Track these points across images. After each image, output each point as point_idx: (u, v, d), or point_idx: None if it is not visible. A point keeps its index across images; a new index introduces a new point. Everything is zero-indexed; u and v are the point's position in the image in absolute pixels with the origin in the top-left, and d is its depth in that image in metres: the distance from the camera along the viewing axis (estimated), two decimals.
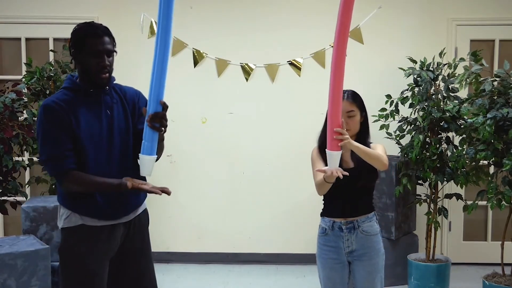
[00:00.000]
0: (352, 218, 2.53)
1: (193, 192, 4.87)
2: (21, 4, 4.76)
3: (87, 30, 2.19)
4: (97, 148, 2.18)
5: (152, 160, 2.13)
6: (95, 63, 2.17)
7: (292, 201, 4.86)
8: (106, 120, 2.22)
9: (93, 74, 2.18)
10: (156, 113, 2.09)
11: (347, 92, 2.58)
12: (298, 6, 4.75)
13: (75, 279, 2.20)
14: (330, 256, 2.55)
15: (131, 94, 2.36)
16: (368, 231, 2.54)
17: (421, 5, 4.73)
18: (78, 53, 2.18)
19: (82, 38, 2.17)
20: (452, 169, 3.92)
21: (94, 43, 2.16)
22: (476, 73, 3.59)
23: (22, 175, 4.44)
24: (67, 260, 2.21)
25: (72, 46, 2.20)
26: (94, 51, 2.16)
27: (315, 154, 2.64)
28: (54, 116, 2.12)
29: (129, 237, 2.30)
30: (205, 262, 4.86)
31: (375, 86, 4.44)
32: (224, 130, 4.83)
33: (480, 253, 4.81)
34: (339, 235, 2.53)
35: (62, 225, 2.21)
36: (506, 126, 3.41)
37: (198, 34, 4.73)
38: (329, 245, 2.55)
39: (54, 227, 3.54)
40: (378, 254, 2.55)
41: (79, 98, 2.19)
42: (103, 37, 2.19)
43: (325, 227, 2.57)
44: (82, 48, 2.17)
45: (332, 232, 2.54)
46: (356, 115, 2.55)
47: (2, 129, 3.68)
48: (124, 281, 2.33)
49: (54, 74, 4.14)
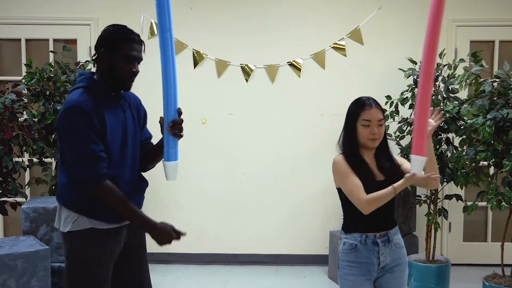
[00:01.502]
0: (385, 231, 2.39)
1: (193, 192, 4.87)
2: (21, 5, 4.76)
3: (124, 33, 2.17)
4: (116, 150, 2.17)
5: (177, 165, 2.21)
6: (127, 68, 2.16)
7: (292, 202, 4.86)
8: (122, 123, 2.22)
9: (122, 79, 2.17)
10: (175, 121, 2.14)
11: (371, 100, 2.40)
12: (298, 6, 4.75)
13: (84, 283, 2.17)
14: (361, 273, 2.35)
15: (134, 100, 2.38)
16: (400, 244, 2.42)
17: (421, 5, 4.73)
18: (109, 53, 2.15)
19: (117, 40, 2.14)
20: (452, 170, 3.92)
21: (131, 48, 2.15)
22: (476, 74, 3.60)
23: (22, 176, 4.44)
24: (76, 264, 2.18)
25: (103, 45, 2.16)
26: (128, 56, 2.15)
27: (344, 165, 2.37)
28: (89, 118, 2.06)
29: (130, 238, 2.31)
30: (205, 263, 4.86)
31: (375, 87, 4.43)
32: (224, 131, 4.83)
33: (480, 254, 4.81)
34: (372, 249, 2.35)
35: (70, 229, 2.15)
36: (506, 127, 3.41)
37: (198, 35, 4.73)
38: (360, 261, 2.35)
39: (54, 228, 3.53)
40: (406, 266, 2.46)
41: (102, 99, 2.16)
42: (139, 43, 2.20)
43: (355, 242, 2.36)
44: (115, 50, 2.14)
45: (364, 247, 2.35)
46: (384, 123, 2.42)
47: (2, 129, 3.67)
48: (123, 282, 2.33)
49: (54, 75, 4.14)
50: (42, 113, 4.11)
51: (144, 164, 2.37)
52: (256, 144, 4.84)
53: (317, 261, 4.81)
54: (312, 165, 4.77)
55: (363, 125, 2.35)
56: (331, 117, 4.68)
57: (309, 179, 4.81)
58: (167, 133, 2.15)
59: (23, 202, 3.89)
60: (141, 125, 2.39)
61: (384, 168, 2.39)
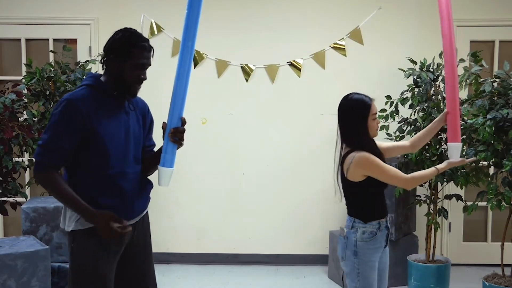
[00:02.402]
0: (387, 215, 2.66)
1: (193, 193, 4.87)
2: (21, 5, 4.76)
3: (134, 39, 2.17)
4: (116, 148, 2.19)
5: (171, 172, 2.23)
6: (136, 75, 2.17)
7: (292, 202, 4.86)
8: (124, 124, 2.23)
9: (130, 85, 2.19)
10: (177, 128, 2.16)
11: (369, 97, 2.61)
12: (298, 6, 4.75)
13: (87, 281, 2.18)
14: (376, 258, 2.59)
15: (142, 105, 2.39)
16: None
17: (421, 5, 4.73)
18: (119, 60, 2.16)
19: (127, 46, 2.15)
20: (452, 169, 3.91)
21: (141, 55, 2.16)
22: (476, 74, 3.60)
23: (22, 175, 4.44)
24: (79, 262, 2.20)
25: (112, 51, 2.17)
26: (138, 63, 2.16)
27: (375, 157, 2.52)
28: (73, 114, 2.10)
29: (134, 238, 2.31)
30: (205, 263, 4.86)
31: (375, 87, 4.42)
32: (224, 131, 4.83)
33: (480, 254, 4.82)
34: (384, 234, 2.60)
35: (73, 228, 2.18)
36: (506, 127, 3.41)
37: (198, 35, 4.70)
38: (377, 246, 2.58)
39: (54, 227, 3.54)
40: None
41: (102, 98, 2.19)
42: (149, 51, 2.20)
43: (374, 230, 2.57)
44: (127, 57, 2.15)
45: (380, 232, 2.58)
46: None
47: (2, 129, 3.67)
48: (127, 281, 2.33)
49: (54, 75, 4.14)
50: (42, 113, 4.11)
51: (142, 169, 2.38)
52: (256, 144, 4.84)
53: (317, 261, 4.81)
54: (312, 165, 4.77)
55: (373, 119, 2.56)
56: (331, 117, 4.62)
57: (309, 179, 4.81)
58: (167, 138, 2.17)
59: (23, 202, 3.89)
60: (146, 130, 2.40)
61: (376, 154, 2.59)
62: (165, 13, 4.72)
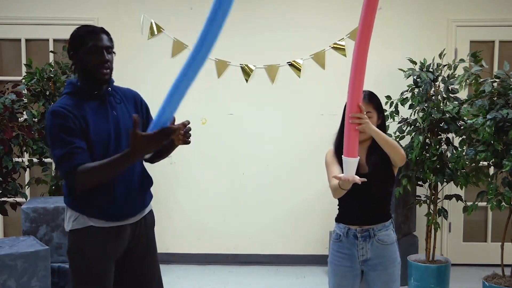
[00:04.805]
0: (368, 226, 2.41)
1: (193, 193, 4.87)
2: (21, 5, 4.76)
3: (84, 30, 2.21)
4: (105, 149, 2.17)
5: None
6: (95, 59, 2.17)
7: (292, 202, 4.86)
8: (112, 121, 2.22)
9: (94, 70, 2.18)
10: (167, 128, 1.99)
11: (364, 93, 2.36)
12: (298, 6, 4.75)
13: (85, 280, 2.20)
14: (343, 264, 2.45)
15: (130, 95, 2.37)
16: (384, 240, 2.42)
17: (421, 6, 4.73)
18: (77, 53, 2.19)
19: (80, 38, 2.18)
20: (452, 170, 3.92)
21: (94, 38, 2.17)
22: (476, 74, 3.60)
23: (22, 176, 4.44)
24: (76, 262, 2.22)
25: (71, 48, 2.20)
26: (93, 47, 2.17)
27: (330, 157, 2.46)
28: (63, 121, 2.10)
29: (135, 238, 2.31)
30: (205, 263, 4.86)
31: (374, 87, 4.38)
32: (224, 131, 4.83)
33: (480, 254, 4.82)
34: (353, 242, 2.42)
35: (71, 227, 2.20)
36: (506, 127, 3.41)
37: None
38: (342, 252, 2.45)
39: (54, 228, 3.54)
40: (394, 264, 2.45)
41: (85, 102, 2.19)
42: (100, 34, 2.21)
43: (340, 233, 2.46)
44: (81, 47, 2.17)
45: (346, 239, 2.43)
46: (372, 117, 2.41)
47: (2, 130, 3.67)
48: (128, 283, 2.33)
49: (54, 75, 4.14)
50: (42, 113, 4.11)
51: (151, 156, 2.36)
52: (256, 144, 4.84)
53: (317, 261, 4.81)
54: (312, 165, 4.76)
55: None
56: (331, 117, 4.66)
57: (309, 179, 4.81)
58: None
59: (23, 202, 3.89)
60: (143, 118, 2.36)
61: (370, 161, 2.42)
62: (165, 13, 4.71)
